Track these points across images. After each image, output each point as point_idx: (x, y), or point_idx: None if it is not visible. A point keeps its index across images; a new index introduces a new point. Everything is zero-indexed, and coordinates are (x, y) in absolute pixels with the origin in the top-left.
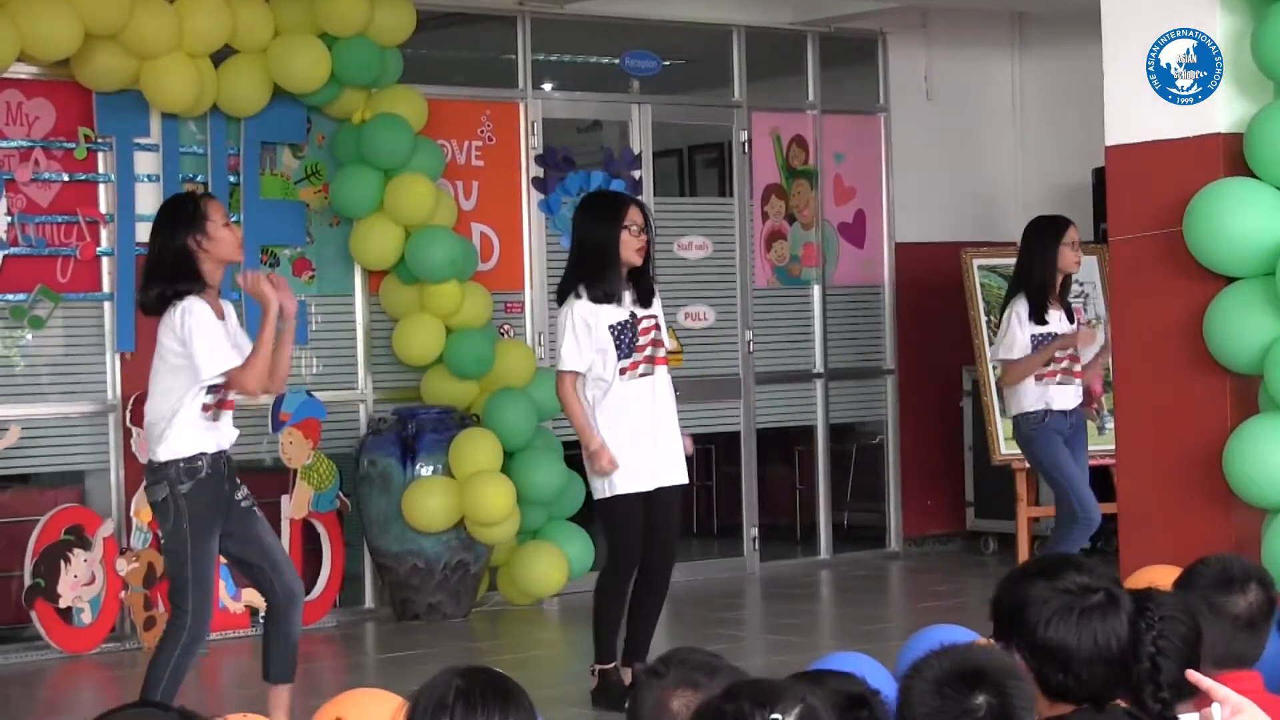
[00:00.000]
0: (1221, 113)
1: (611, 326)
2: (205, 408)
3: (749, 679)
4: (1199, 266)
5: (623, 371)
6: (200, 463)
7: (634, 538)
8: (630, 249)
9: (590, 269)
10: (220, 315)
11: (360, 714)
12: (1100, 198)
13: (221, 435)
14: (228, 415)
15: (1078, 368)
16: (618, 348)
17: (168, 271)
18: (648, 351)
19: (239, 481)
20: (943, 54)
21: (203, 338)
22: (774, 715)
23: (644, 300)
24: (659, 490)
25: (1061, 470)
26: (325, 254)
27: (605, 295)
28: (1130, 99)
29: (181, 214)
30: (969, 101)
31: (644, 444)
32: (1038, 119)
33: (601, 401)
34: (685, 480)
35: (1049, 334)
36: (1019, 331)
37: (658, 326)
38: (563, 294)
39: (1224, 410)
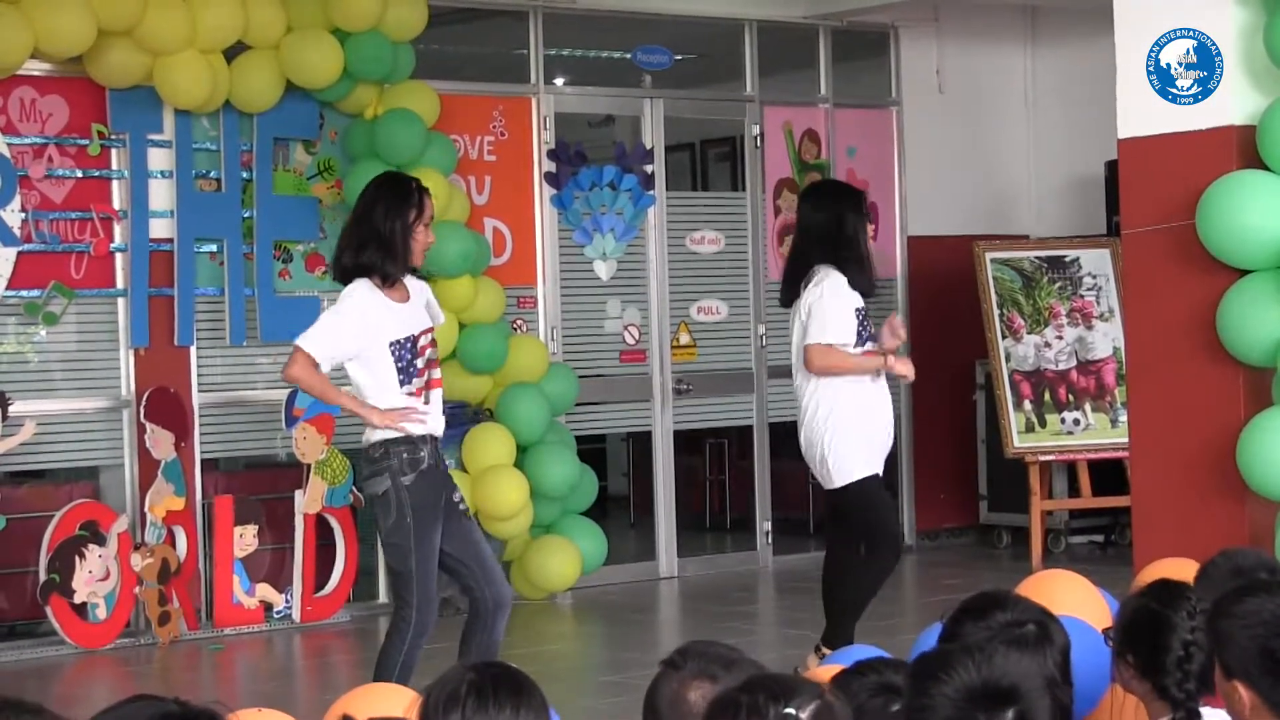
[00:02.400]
0: (1234, 105)
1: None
2: (415, 393)
3: (768, 673)
4: (1212, 259)
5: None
6: (423, 452)
7: None
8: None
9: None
10: (404, 298)
11: (374, 709)
12: (1113, 191)
13: (435, 418)
14: (437, 396)
15: None
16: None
17: (375, 246)
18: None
19: (454, 482)
20: (955, 47)
21: (329, 314)
22: (788, 710)
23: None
24: None
25: None
26: None
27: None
28: (1142, 92)
29: (405, 197)
30: (981, 95)
31: None
32: (1050, 112)
33: None
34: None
35: None
36: None
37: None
38: None
39: (1237, 403)
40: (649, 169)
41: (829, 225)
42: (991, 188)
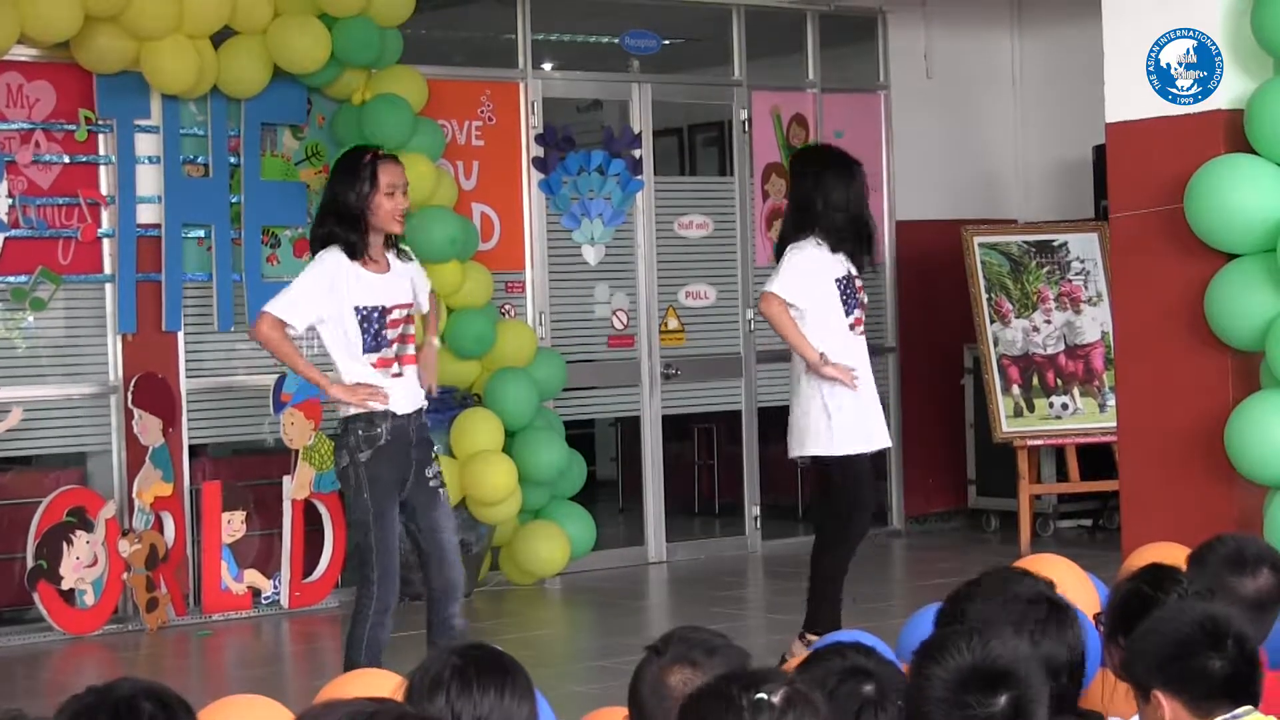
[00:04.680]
0: (1222, 89)
1: None
2: (380, 363)
3: (737, 670)
4: (1200, 243)
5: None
6: (379, 429)
7: None
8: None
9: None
10: (381, 269)
11: (360, 695)
12: (1101, 174)
13: (404, 395)
14: (410, 374)
15: None
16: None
17: (333, 218)
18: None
19: (432, 455)
20: (942, 31)
21: (298, 279)
22: (759, 695)
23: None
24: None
25: None
26: None
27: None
28: (1130, 75)
29: (357, 169)
30: (969, 79)
31: None
32: (1038, 96)
33: None
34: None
35: None
36: None
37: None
38: None
39: (1225, 387)
40: (637, 153)
41: (804, 192)
42: (979, 172)
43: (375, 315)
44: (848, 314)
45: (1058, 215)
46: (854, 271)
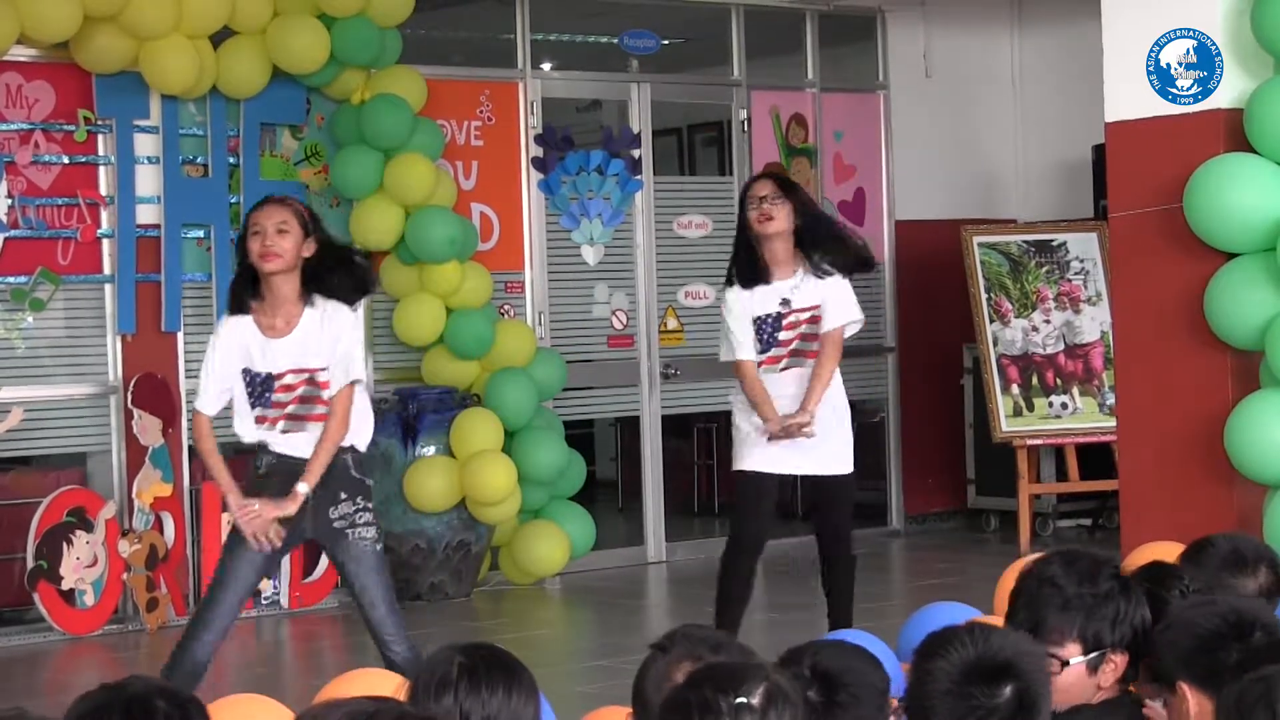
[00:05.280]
0: (1222, 89)
1: None
2: (259, 420)
3: (711, 664)
4: (1199, 243)
5: None
6: (256, 487)
7: None
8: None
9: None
10: (280, 331)
11: (363, 694)
12: (1100, 174)
13: (279, 444)
14: (307, 431)
15: None
16: None
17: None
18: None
19: (343, 496)
20: (942, 31)
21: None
22: (739, 699)
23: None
24: None
25: None
26: None
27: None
28: (1130, 74)
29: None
30: (968, 79)
31: None
32: (1037, 96)
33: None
34: None
35: None
36: None
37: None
38: None
39: (1225, 386)
40: (636, 153)
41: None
42: (979, 172)
43: (260, 380)
44: (762, 351)
45: (1057, 215)
46: (794, 304)
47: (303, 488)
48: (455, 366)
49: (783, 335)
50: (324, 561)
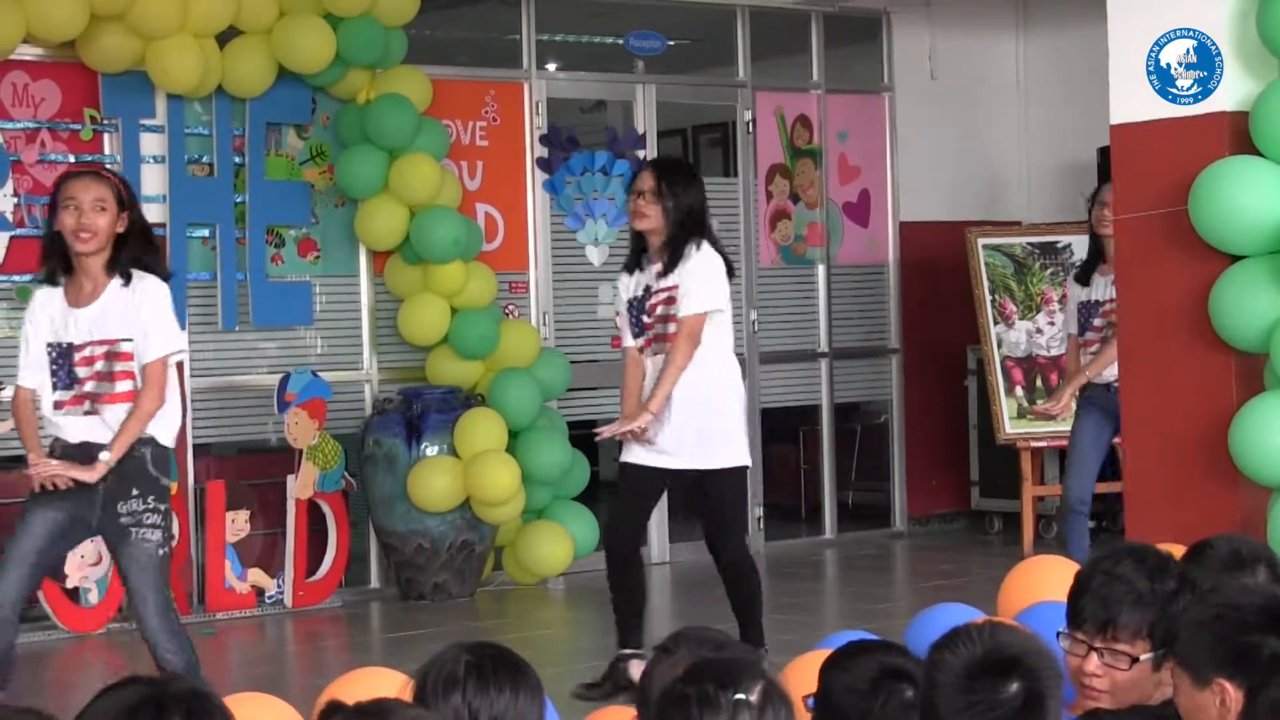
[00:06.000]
0: (1226, 91)
1: None
2: (72, 401)
3: (707, 659)
4: (1204, 245)
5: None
6: (55, 448)
7: None
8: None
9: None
10: (84, 301)
11: (365, 694)
12: (1105, 176)
13: (76, 428)
14: (109, 415)
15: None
16: None
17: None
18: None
19: (135, 491)
20: (947, 33)
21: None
22: (738, 696)
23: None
24: None
25: (1070, 445)
26: (330, 234)
27: None
28: (1135, 76)
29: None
30: (973, 81)
31: None
32: (1042, 98)
33: None
34: None
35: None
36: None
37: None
38: None
39: (1229, 389)
40: (641, 154)
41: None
42: (983, 173)
43: (60, 351)
44: (635, 338)
45: (1062, 217)
46: (655, 286)
47: (105, 456)
48: (459, 366)
49: (645, 319)
50: (328, 560)
